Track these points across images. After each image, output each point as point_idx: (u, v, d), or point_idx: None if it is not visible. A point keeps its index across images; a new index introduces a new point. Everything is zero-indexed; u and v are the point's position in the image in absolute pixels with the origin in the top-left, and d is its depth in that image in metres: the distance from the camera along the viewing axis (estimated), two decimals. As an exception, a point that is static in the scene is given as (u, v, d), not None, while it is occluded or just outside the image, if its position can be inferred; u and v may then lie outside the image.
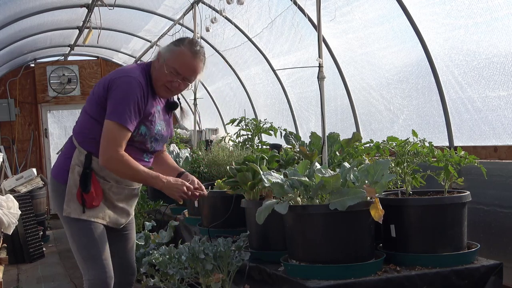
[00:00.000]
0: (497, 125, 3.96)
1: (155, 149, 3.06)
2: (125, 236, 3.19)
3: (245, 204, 3.35)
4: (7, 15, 7.41)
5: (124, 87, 2.82)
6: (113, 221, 3.02)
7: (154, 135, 2.98)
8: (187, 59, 2.92)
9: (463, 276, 2.85)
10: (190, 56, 2.92)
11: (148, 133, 2.94)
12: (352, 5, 5.02)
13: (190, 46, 2.93)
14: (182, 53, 2.91)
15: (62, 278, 6.46)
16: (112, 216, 3.00)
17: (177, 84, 2.93)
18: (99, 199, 2.92)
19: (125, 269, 3.18)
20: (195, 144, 6.85)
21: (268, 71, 7.17)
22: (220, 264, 3.21)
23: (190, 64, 2.93)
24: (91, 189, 2.87)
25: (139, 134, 2.90)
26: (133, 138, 2.88)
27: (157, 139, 3.03)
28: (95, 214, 2.92)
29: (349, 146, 3.66)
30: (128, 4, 7.86)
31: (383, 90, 5.16)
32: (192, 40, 2.99)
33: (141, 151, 2.99)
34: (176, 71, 2.91)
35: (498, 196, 3.67)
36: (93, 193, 2.88)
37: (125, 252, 3.19)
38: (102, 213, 2.95)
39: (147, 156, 3.05)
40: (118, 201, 3.02)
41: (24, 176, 8.49)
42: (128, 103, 2.79)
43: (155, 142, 3.02)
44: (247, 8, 6.22)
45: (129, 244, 3.21)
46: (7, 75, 11.08)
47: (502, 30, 3.78)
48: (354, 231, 2.80)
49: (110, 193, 2.98)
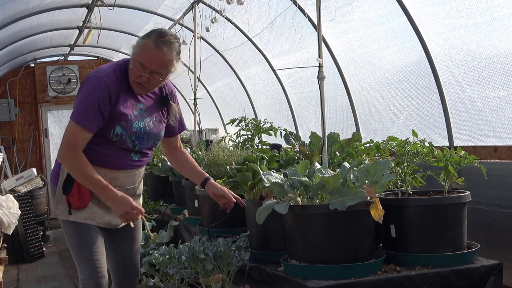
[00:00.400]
0: (497, 125, 3.96)
1: (141, 147, 2.97)
2: (130, 237, 3.13)
3: (245, 204, 3.35)
4: (7, 15, 7.41)
5: (87, 88, 2.81)
6: (106, 222, 2.96)
7: (133, 133, 2.89)
8: (150, 52, 2.79)
9: (463, 276, 2.85)
10: (153, 48, 2.79)
11: (124, 132, 2.86)
12: (352, 5, 5.02)
13: (155, 38, 2.80)
14: (145, 45, 2.81)
15: (62, 278, 6.46)
16: (104, 217, 2.95)
17: (145, 78, 2.83)
18: (85, 201, 2.88)
19: (128, 269, 3.15)
20: (195, 144, 6.84)
21: (268, 71, 7.17)
22: (220, 264, 3.21)
23: (153, 56, 2.80)
24: (72, 191, 2.85)
25: (115, 134, 2.85)
26: (111, 139, 2.85)
27: (141, 137, 2.93)
28: (82, 216, 2.89)
29: (349, 146, 3.66)
30: (128, 4, 7.86)
31: (383, 90, 5.16)
32: (161, 31, 2.86)
33: (125, 150, 2.92)
34: (142, 65, 2.81)
35: (498, 196, 3.67)
36: (75, 194, 2.86)
37: (129, 252, 3.15)
38: (91, 214, 2.91)
39: (135, 155, 2.97)
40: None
41: (24, 176, 8.50)
42: (88, 104, 2.76)
43: (139, 140, 2.93)
44: (247, 8, 6.22)
45: (132, 244, 3.16)
46: (7, 75, 11.08)
47: (502, 30, 3.78)
48: (354, 231, 2.80)
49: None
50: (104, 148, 2.88)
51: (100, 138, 2.85)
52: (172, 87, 3.15)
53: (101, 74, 2.82)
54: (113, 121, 2.83)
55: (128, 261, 3.16)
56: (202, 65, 6.96)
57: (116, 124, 2.84)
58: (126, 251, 3.15)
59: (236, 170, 3.47)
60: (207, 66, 8.45)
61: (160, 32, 2.85)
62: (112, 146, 2.88)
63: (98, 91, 2.78)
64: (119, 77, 2.86)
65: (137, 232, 3.18)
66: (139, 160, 3.02)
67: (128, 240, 3.14)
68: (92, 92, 2.78)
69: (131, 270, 3.16)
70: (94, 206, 2.92)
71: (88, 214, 2.91)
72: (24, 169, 10.49)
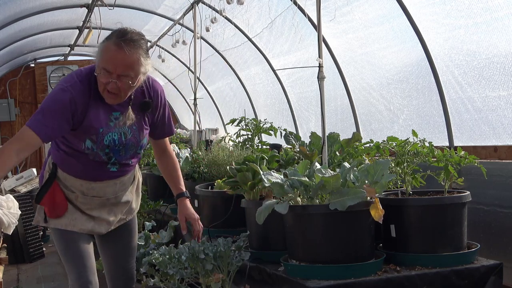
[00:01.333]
0: (497, 125, 3.97)
1: (118, 159, 2.80)
2: (122, 241, 3.04)
3: (245, 204, 3.35)
4: (7, 15, 7.41)
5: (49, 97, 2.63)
6: (89, 229, 2.87)
7: (106, 147, 2.71)
8: (112, 54, 2.53)
9: (463, 276, 2.85)
10: (114, 50, 2.52)
11: (95, 146, 2.69)
12: (352, 5, 5.02)
13: (115, 39, 2.54)
14: (106, 48, 2.55)
15: (62, 278, 6.46)
16: (86, 223, 2.86)
17: (113, 84, 2.55)
18: (58, 210, 2.81)
19: (120, 274, 3.06)
20: (195, 144, 6.84)
21: (268, 71, 7.18)
22: (220, 264, 3.21)
23: (116, 58, 2.52)
24: (43, 200, 2.80)
25: (87, 148, 2.69)
26: (83, 151, 2.71)
27: (116, 149, 2.75)
28: (62, 222, 2.83)
29: (349, 146, 3.66)
30: (128, 4, 7.87)
31: (383, 90, 5.16)
32: (120, 31, 2.58)
33: (101, 163, 2.78)
34: (106, 70, 2.54)
35: (498, 196, 3.67)
36: (47, 203, 2.80)
37: (121, 257, 3.06)
38: (72, 221, 2.82)
39: (113, 166, 2.81)
40: (88, 210, 2.87)
41: (24, 176, 8.50)
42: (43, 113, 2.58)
43: (115, 152, 2.75)
44: (247, 8, 6.22)
45: (125, 250, 3.06)
46: (7, 75, 11.09)
47: (502, 30, 3.78)
48: (354, 231, 2.80)
49: (78, 203, 2.86)
50: (77, 159, 2.75)
51: (73, 150, 2.73)
52: (159, 89, 2.88)
53: (67, 84, 2.61)
54: (83, 134, 2.66)
55: (121, 266, 3.05)
56: (202, 65, 6.96)
57: (86, 138, 2.67)
58: (119, 256, 3.05)
59: (236, 170, 3.47)
60: (207, 66, 8.46)
61: (120, 31, 2.58)
62: (86, 157, 2.74)
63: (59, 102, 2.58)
64: (88, 86, 2.63)
65: (130, 237, 3.07)
66: (119, 171, 2.85)
67: (120, 245, 3.04)
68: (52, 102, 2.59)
69: (124, 275, 3.07)
70: (75, 212, 2.84)
71: (69, 220, 2.83)
72: (24, 169, 10.48)
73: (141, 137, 2.83)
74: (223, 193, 3.79)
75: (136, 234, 3.14)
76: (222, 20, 6.71)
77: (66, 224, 2.84)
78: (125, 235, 3.05)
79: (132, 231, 3.09)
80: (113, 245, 3.04)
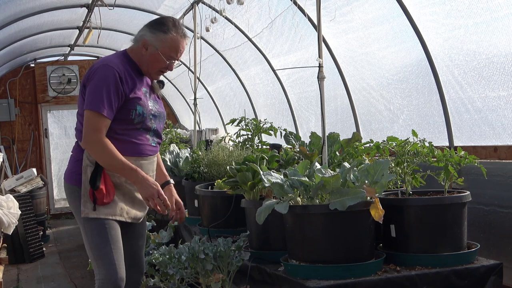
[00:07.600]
0: (497, 125, 3.96)
1: (157, 128, 3.07)
2: (138, 234, 3.15)
3: (245, 204, 3.35)
4: (7, 15, 7.41)
5: (98, 76, 2.88)
6: (132, 216, 3.00)
7: (150, 111, 3.01)
8: (181, 44, 3.02)
9: (463, 276, 2.85)
10: (182, 41, 3.02)
11: (145, 110, 2.97)
12: (352, 5, 5.02)
13: (176, 30, 3.01)
14: (175, 40, 3.00)
15: (62, 278, 6.46)
16: (130, 211, 2.98)
17: (171, 66, 3.06)
18: (110, 196, 2.90)
19: (135, 267, 3.13)
20: (195, 144, 6.85)
21: (268, 71, 7.17)
22: (220, 264, 3.21)
23: (183, 47, 3.04)
24: (99, 186, 2.87)
25: (137, 114, 2.94)
26: (132, 121, 2.93)
27: (155, 115, 3.05)
28: (111, 212, 2.90)
29: (349, 146, 3.66)
30: (128, 4, 7.86)
31: (383, 90, 5.16)
32: (174, 22, 3.04)
33: (145, 132, 3.00)
34: (173, 57, 3.02)
35: (498, 196, 3.67)
36: (103, 189, 2.88)
37: (137, 249, 3.15)
38: (119, 210, 2.93)
39: (152, 139, 3.05)
40: (136, 191, 2.98)
41: (24, 176, 8.50)
42: (102, 91, 2.84)
43: (155, 119, 3.04)
44: (247, 8, 6.22)
45: (140, 241, 3.17)
46: (7, 75, 11.08)
47: (502, 30, 3.77)
48: (354, 231, 2.80)
49: (127, 185, 2.96)
50: (126, 134, 2.94)
51: (121, 125, 2.91)
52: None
53: (110, 63, 2.92)
54: (132, 102, 2.92)
55: (137, 259, 3.15)
56: (202, 65, 6.96)
57: (136, 104, 2.94)
58: (136, 249, 3.14)
59: (236, 170, 3.47)
60: (207, 66, 8.46)
61: (174, 23, 3.02)
62: (133, 131, 2.95)
63: (110, 79, 2.86)
64: (124, 63, 2.97)
65: (143, 228, 3.20)
66: (155, 146, 3.10)
67: (136, 237, 3.15)
68: (105, 81, 2.86)
69: (138, 268, 3.15)
70: (119, 201, 2.94)
71: (116, 210, 2.92)
72: (24, 169, 10.49)
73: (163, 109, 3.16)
74: (223, 193, 3.80)
75: (146, 226, 3.28)
76: (222, 20, 6.71)
77: (113, 213, 2.91)
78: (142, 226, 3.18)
79: (145, 225, 3.24)
80: (132, 238, 3.13)
